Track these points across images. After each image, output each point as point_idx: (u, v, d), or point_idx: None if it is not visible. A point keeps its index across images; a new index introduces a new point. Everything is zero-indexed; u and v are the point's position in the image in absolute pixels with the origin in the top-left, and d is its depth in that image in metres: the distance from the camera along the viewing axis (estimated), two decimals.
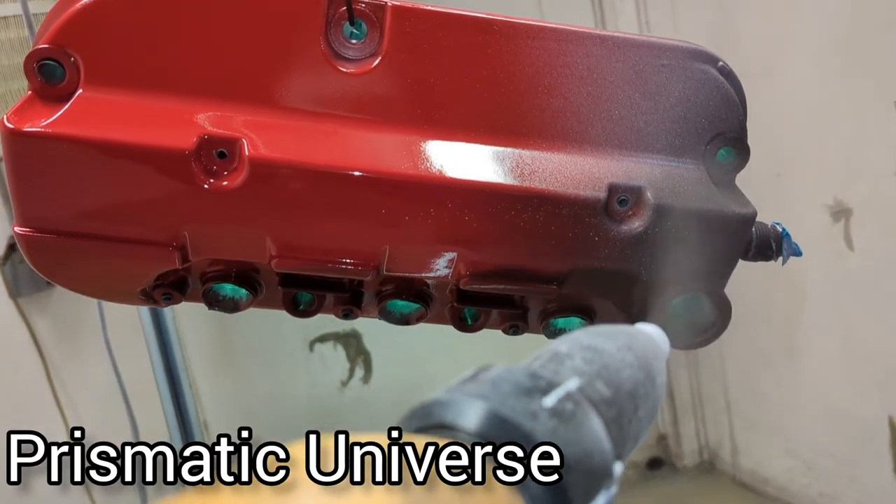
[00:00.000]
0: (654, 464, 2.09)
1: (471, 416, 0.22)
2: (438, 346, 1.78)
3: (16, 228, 0.36)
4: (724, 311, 0.40)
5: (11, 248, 1.36)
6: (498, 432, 0.21)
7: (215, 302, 0.41)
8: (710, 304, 0.40)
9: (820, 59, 1.51)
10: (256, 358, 1.65)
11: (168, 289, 0.41)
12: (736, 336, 1.23)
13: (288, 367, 1.69)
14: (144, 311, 1.02)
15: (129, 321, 1.29)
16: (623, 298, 0.39)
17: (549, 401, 0.23)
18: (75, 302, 1.44)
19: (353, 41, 0.36)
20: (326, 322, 1.66)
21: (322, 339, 1.70)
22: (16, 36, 0.95)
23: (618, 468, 0.24)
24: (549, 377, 0.24)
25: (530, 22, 0.37)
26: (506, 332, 0.43)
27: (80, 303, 1.44)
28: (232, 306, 0.41)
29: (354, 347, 1.72)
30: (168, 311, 1.02)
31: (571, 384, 0.24)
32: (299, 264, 0.38)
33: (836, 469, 1.69)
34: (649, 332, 0.31)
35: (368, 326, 1.71)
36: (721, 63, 0.39)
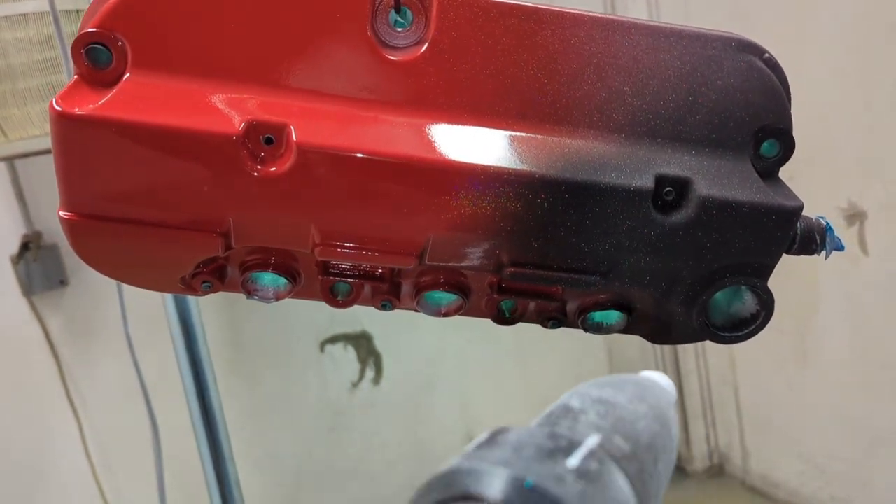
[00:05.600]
0: None
1: (496, 485, 0.20)
2: (448, 348, 1.78)
3: (60, 213, 0.36)
4: (767, 304, 0.40)
5: (25, 246, 1.37)
6: (526, 501, 0.20)
7: (254, 291, 0.41)
8: (752, 297, 0.40)
9: (834, 57, 1.51)
10: (267, 358, 1.65)
11: (208, 276, 0.40)
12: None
13: (298, 368, 1.69)
14: (170, 304, 1.02)
15: (145, 318, 1.29)
16: (665, 291, 0.39)
17: (573, 461, 0.21)
18: (88, 300, 1.44)
19: (399, 29, 0.36)
20: (337, 323, 1.66)
21: (333, 339, 1.70)
22: (35, 33, 0.95)
23: None
24: (569, 436, 0.23)
25: (578, 11, 0.37)
26: (545, 325, 0.43)
27: (94, 301, 1.44)
28: (271, 295, 0.41)
29: (365, 348, 1.72)
30: (193, 305, 1.02)
31: (592, 441, 0.23)
32: (342, 252, 0.38)
33: (849, 473, 1.68)
34: (656, 380, 0.29)
35: (380, 328, 1.71)
36: (767, 55, 0.39)
